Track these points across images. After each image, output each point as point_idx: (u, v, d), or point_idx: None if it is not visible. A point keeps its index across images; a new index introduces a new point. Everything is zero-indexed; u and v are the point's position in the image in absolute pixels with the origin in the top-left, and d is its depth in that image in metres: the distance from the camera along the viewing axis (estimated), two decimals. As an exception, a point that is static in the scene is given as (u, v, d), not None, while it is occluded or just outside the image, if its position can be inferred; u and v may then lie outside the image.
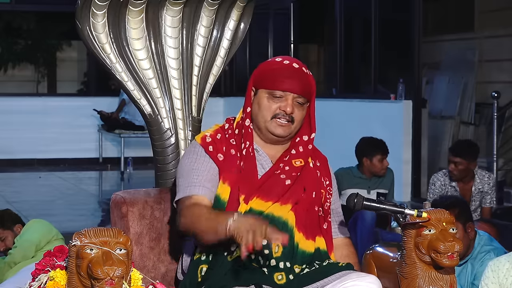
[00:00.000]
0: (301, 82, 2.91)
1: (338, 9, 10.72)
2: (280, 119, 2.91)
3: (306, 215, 2.91)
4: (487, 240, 4.45)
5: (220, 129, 2.99)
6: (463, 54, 10.86)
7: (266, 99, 2.93)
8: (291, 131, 2.95)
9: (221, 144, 2.94)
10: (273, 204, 2.86)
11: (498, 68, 10.69)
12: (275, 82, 2.90)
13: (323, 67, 14.13)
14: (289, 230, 2.84)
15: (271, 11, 12.39)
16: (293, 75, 2.91)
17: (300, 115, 2.94)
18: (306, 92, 2.93)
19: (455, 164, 6.42)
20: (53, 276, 2.47)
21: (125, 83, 3.21)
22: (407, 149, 9.23)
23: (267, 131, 2.94)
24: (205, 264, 2.82)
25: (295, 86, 2.90)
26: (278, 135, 2.93)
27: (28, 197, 9.95)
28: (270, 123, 2.92)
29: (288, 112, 2.90)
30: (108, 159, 12.96)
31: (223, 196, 2.87)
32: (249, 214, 2.82)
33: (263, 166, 2.94)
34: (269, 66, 2.95)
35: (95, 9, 3.11)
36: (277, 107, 2.91)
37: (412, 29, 9.35)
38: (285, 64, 2.93)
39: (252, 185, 2.87)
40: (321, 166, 3.06)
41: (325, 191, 3.03)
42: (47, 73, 15.70)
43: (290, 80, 2.90)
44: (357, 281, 2.71)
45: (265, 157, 2.96)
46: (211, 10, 3.29)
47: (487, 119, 10.20)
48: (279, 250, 2.82)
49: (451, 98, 10.60)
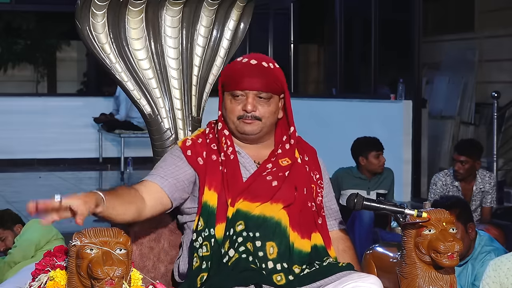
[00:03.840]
0: (261, 78, 2.90)
1: (338, 9, 10.72)
2: (245, 119, 2.91)
3: (299, 214, 2.89)
4: (488, 240, 4.45)
5: (201, 134, 3.00)
6: (463, 54, 10.86)
7: (229, 101, 2.93)
8: (261, 128, 2.93)
9: (201, 149, 2.93)
10: (262, 204, 2.84)
11: (498, 68, 10.69)
12: (234, 82, 2.91)
13: (323, 67, 14.13)
14: (283, 230, 2.83)
15: (271, 11, 12.39)
16: (251, 72, 2.90)
17: (267, 111, 2.92)
18: (269, 86, 2.91)
19: (461, 163, 6.41)
20: (53, 276, 2.47)
21: (124, 83, 3.20)
22: (407, 149, 9.23)
23: (237, 132, 2.94)
24: (205, 272, 2.82)
25: (254, 83, 2.89)
26: (248, 132, 2.92)
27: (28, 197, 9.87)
28: (238, 124, 2.92)
29: (249, 111, 2.89)
30: (108, 159, 12.95)
31: (211, 202, 2.86)
32: (237, 215, 2.82)
33: (247, 168, 2.92)
34: (230, 68, 2.96)
35: (95, 9, 3.11)
36: (240, 108, 2.91)
37: (412, 29, 9.35)
38: (243, 62, 2.93)
39: (238, 188, 2.86)
40: (309, 160, 3.03)
41: (316, 185, 3.00)
42: (47, 73, 15.70)
43: (248, 78, 2.89)
44: (359, 282, 2.69)
45: (248, 158, 2.95)
46: (211, 10, 3.29)
47: (487, 119, 10.19)
48: (274, 252, 2.81)
49: (451, 98, 10.60)
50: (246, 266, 2.76)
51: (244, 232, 2.80)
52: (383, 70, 10.37)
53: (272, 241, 2.81)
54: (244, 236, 2.80)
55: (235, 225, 2.81)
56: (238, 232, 2.81)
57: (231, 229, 2.81)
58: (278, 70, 2.95)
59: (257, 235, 2.81)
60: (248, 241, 2.79)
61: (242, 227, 2.81)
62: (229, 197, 2.85)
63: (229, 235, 2.81)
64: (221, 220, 2.83)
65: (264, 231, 2.81)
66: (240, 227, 2.81)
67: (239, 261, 2.77)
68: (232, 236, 2.81)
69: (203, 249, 2.83)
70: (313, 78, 14.49)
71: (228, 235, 2.81)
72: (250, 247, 2.79)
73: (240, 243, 2.79)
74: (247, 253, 2.78)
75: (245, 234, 2.80)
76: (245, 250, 2.78)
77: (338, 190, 6.67)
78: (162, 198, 2.85)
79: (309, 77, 14.31)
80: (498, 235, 5.52)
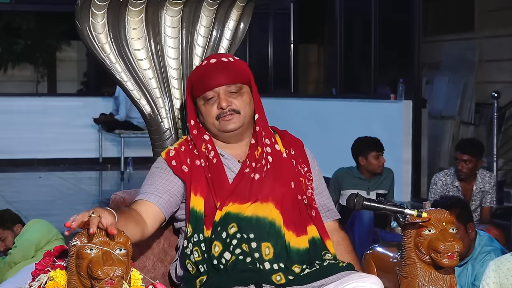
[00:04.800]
0: (225, 72, 2.90)
1: (338, 9, 10.72)
2: (224, 116, 2.90)
3: (292, 210, 2.88)
4: (488, 240, 4.45)
5: (184, 141, 2.98)
6: (463, 54, 10.86)
7: (203, 106, 2.92)
8: (242, 121, 2.92)
9: (185, 156, 2.92)
10: (252, 204, 2.83)
11: (498, 68, 10.69)
12: (202, 86, 2.90)
13: (323, 67, 14.13)
14: (277, 230, 2.82)
15: (271, 11, 12.39)
16: (214, 70, 2.90)
17: (241, 102, 2.91)
18: (235, 78, 2.91)
19: (465, 162, 6.41)
20: (53, 276, 2.47)
21: (124, 83, 3.20)
22: (407, 149, 9.23)
23: (221, 132, 2.93)
24: (204, 275, 2.81)
25: (220, 79, 2.89)
26: (231, 129, 2.91)
27: (28, 197, 9.95)
28: (218, 124, 2.91)
29: (225, 107, 2.88)
30: (108, 159, 12.96)
31: (198, 208, 2.85)
32: (228, 218, 2.81)
33: (232, 169, 2.91)
34: (194, 74, 2.96)
35: (95, 9, 3.11)
36: (216, 108, 2.90)
37: (412, 29, 9.35)
38: (204, 65, 2.94)
39: (225, 191, 2.85)
40: (296, 153, 3.01)
41: (305, 178, 2.98)
42: (47, 73, 15.70)
43: (213, 76, 2.89)
44: (359, 282, 2.69)
45: (231, 159, 2.94)
46: (210, 10, 3.29)
47: (487, 119, 10.19)
48: (270, 252, 2.80)
49: (451, 98, 10.60)
50: (244, 267, 2.75)
51: (238, 234, 2.79)
52: (383, 70, 10.37)
53: (267, 242, 2.80)
54: (238, 238, 2.79)
55: (228, 227, 2.80)
56: (232, 234, 2.80)
57: (224, 232, 2.80)
58: (240, 62, 2.96)
59: (251, 236, 2.80)
60: (243, 242, 2.79)
61: (235, 229, 2.80)
62: (217, 201, 2.84)
63: (222, 238, 2.80)
64: (210, 224, 2.83)
65: (258, 232, 2.80)
66: (233, 230, 2.80)
67: (236, 263, 2.76)
68: (225, 239, 2.80)
69: (194, 255, 2.82)
70: (313, 78, 14.50)
71: (220, 237, 2.80)
72: (246, 248, 2.78)
73: (235, 245, 2.78)
74: (244, 255, 2.77)
75: (239, 236, 2.79)
76: (241, 252, 2.78)
77: (338, 190, 6.68)
78: (159, 216, 2.85)
79: (309, 77, 14.31)
80: (498, 235, 5.52)
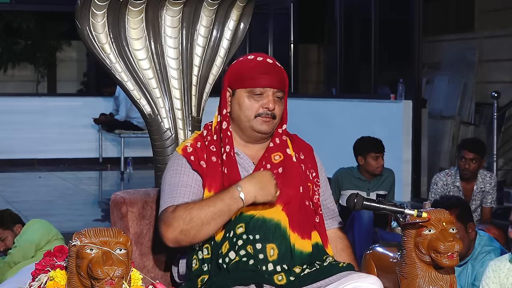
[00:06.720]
0: (278, 77, 2.91)
1: (338, 9, 10.72)
2: (264, 117, 2.91)
3: (298, 213, 2.89)
4: (488, 240, 4.45)
5: (199, 137, 2.98)
6: (463, 54, 10.86)
7: (246, 98, 2.91)
8: (274, 126, 2.95)
9: (202, 152, 2.92)
10: (261, 205, 2.83)
11: (498, 68, 10.68)
12: (254, 79, 2.89)
13: (323, 67, 14.13)
14: (282, 232, 2.83)
15: (271, 11, 12.40)
16: (270, 70, 2.91)
17: (280, 110, 2.94)
18: (283, 86, 2.93)
19: (471, 160, 6.39)
20: (53, 276, 2.47)
21: (124, 83, 3.21)
22: (407, 149, 9.22)
23: (251, 130, 2.93)
24: (206, 274, 2.82)
25: (274, 81, 2.90)
26: (264, 131, 2.92)
27: (28, 197, 9.94)
28: (254, 121, 2.91)
29: (271, 109, 2.89)
30: (108, 159, 12.95)
31: None
32: (239, 217, 2.82)
33: (246, 169, 2.92)
34: (244, 65, 2.93)
35: (95, 9, 3.11)
36: (260, 106, 2.90)
37: (412, 29, 9.35)
38: (260, 60, 2.92)
39: None
40: (305, 158, 3.04)
41: (312, 184, 3.00)
42: (46, 73, 15.69)
43: (268, 75, 2.89)
44: (359, 282, 2.70)
45: (247, 159, 2.95)
46: (210, 10, 3.29)
47: (487, 119, 10.19)
48: (274, 254, 2.81)
49: (451, 98, 10.60)
50: (245, 268, 2.76)
51: (244, 235, 2.80)
52: (383, 70, 10.37)
53: (272, 243, 2.81)
54: (244, 239, 2.80)
55: (236, 227, 2.82)
56: (239, 234, 2.81)
57: (231, 231, 2.82)
58: (284, 71, 2.98)
59: (257, 237, 2.81)
60: (248, 244, 2.80)
61: (242, 229, 2.81)
62: None
63: (229, 237, 2.81)
64: None
65: (264, 233, 2.81)
66: (241, 230, 2.81)
67: (239, 263, 2.77)
68: (232, 238, 2.81)
69: (203, 252, 2.83)
70: (313, 78, 14.50)
71: (228, 236, 2.81)
72: (251, 250, 2.79)
73: (241, 246, 2.79)
74: (247, 257, 2.78)
75: (245, 237, 2.80)
76: (246, 254, 2.78)
77: (338, 190, 6.67)
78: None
79: (309, 77, 14.31)
80: (498, 235, 5.52)
